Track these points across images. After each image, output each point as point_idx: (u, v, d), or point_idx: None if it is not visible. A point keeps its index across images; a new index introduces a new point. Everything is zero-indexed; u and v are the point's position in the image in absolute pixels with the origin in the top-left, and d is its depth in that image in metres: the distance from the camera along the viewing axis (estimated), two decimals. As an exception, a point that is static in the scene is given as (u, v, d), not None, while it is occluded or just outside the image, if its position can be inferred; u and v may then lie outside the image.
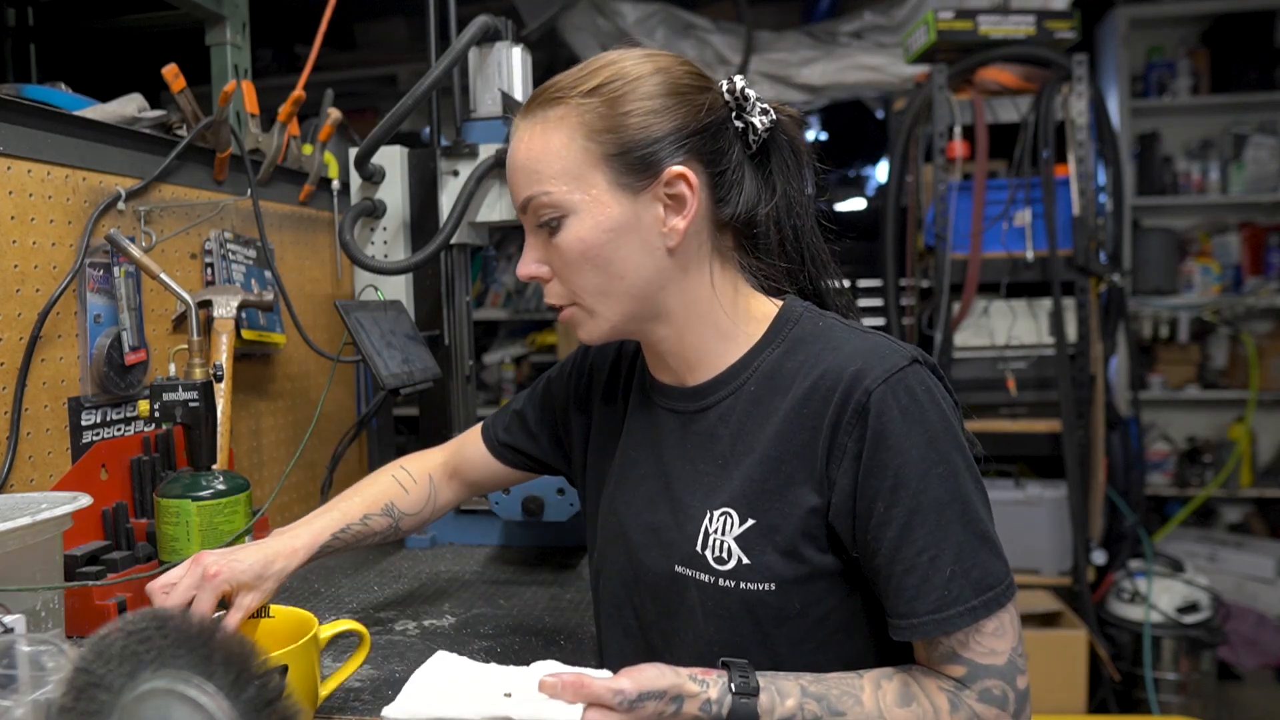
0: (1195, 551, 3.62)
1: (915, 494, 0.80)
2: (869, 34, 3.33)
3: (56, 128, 1.18)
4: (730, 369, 0.91)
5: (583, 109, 0.85)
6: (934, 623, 0.79)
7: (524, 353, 3.76)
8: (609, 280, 0.87)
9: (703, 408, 0.92)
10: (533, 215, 0.88)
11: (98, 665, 0.57)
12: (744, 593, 0.85)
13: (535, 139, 0.87)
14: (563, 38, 3.46)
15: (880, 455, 0.80)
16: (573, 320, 0.91)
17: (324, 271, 1.79)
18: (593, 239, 0.85)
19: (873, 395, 0.80)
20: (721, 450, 0.89)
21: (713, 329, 0.91)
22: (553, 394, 1.11)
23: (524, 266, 0.90)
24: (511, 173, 0.89)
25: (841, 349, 0.85)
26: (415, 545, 1.51)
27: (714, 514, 0.87)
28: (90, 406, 1.22)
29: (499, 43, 1.51)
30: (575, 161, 0.85)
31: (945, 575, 0.79)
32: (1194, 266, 3.78)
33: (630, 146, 0.85)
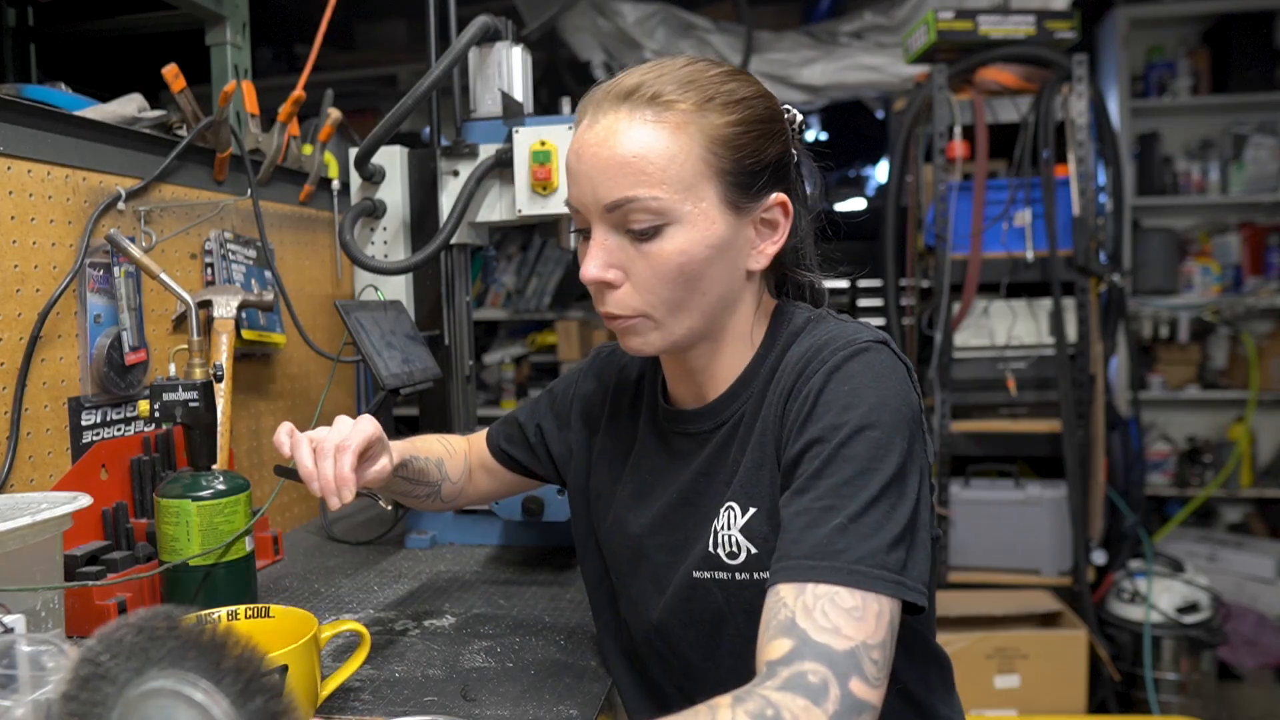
0: (1195, 551, 3.62)
1: (837, 446, 0.76)
2: (869, 34, 3.33)
3: (56, 128, 1.18)
4: (738, 380, 0.91)
5: (704, 119, 0.82)
6: (804, 568, 0.71)
7: (524, 353, 3.76)
8: (691, 296, 0.84)
9: (719, 424, 0.91)
10: (622, 217, 0.81)
11: (105, 658, 0.57)
12: (760, 583, 0.80)
13: (644, 138, 0.80)
14: (563, 38, 3.46)
15: (816, 409, 0.79)
16: (633, 330, 0.86)
17: (324, 271, 1.79)
18: (694, 252, 0.82)
19: (827, 363, 0.81)
20: (733, 455, 0.89)
21: (742, 343, 0.91)
22: (556, 408, 1.11)
23: (594, 269, 0.83)
24: (601, 167, 0.81)
25: (830, 332, 0.85)
26: (415, 545, 1.51)
27: (720, 511, 0.87)
28: (90, 406, 1.22)
29: (499, 43, 1.51)
30: (691, 171, 0.81)
31: (834, 525, 0.72)
32: (1194, 266, 3.78)
33: (746, 166, 0.83)
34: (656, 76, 0.82)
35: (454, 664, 1.03)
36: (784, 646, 0.67)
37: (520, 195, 1.45)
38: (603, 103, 0.83)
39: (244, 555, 1.11)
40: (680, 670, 0.94)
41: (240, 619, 0.90)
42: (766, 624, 0.71)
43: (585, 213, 0.84)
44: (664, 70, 0.83)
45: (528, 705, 0.93)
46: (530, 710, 0.91)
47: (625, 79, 0.83)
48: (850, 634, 0.68)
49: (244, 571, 1.11)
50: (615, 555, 0.99)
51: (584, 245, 0.86)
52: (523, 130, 1.44)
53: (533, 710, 0.91)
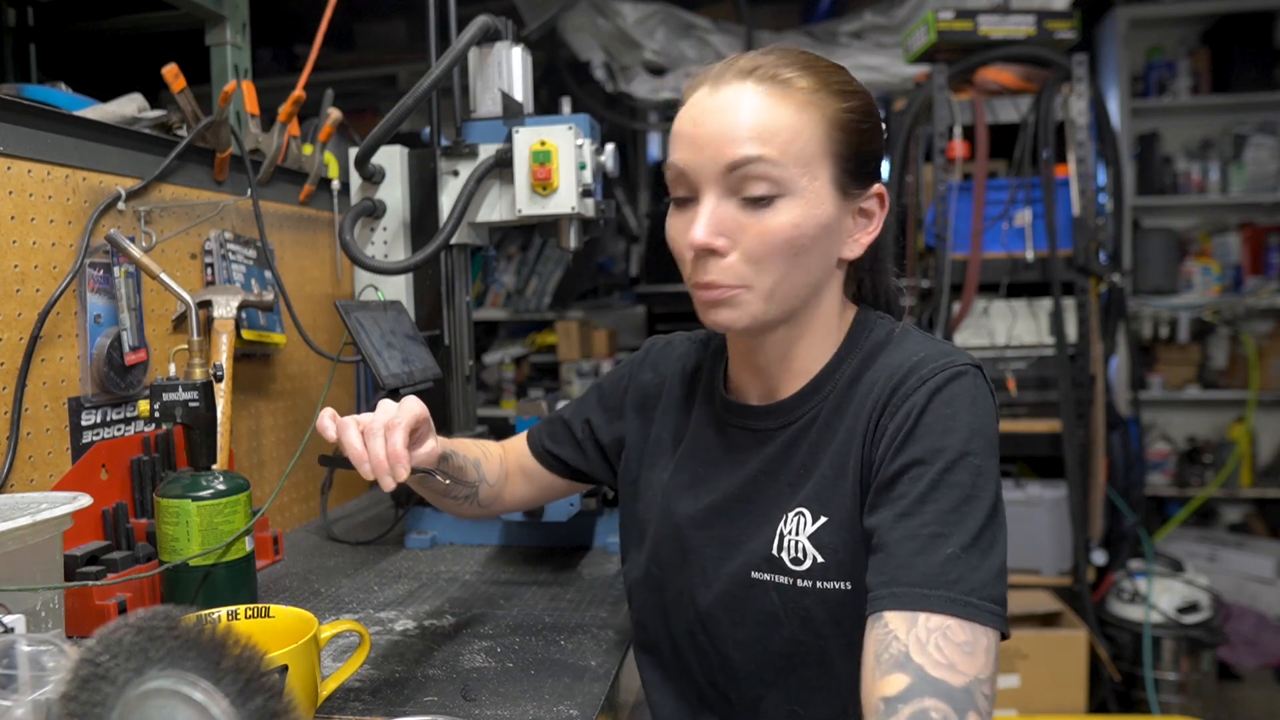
0: (1195, 551, 3.62)
1: (941, 472, 0.76)
2: (869, 34, 3.33)
3: (56, 128, 1.18)
4: (813, 382, 0.91)
5: (824, 101, 0.83)
6: (917, 596, 0.71)
7: (524, 353, 3.76)
8: (793, 272, 0.84)
9: (787, 423, 0.91)
10: (739, 180, 0.82)
11: (104, 658, 0.57)
12: (822, 592, 0.84)
13: (772, 105, 0.82)
14: (563, 38, 3.47)
15: (916, 431, 0.79)
16: (731, 302, 0.84)
17: (324, 271, 1.79)
18: (804, 228, 0.83)
19: (925, 383, 0.81)
20: (801, 458, 0.89)
21: (819, 339, 0.91)
22: (606, 403, 1.10)
23: (703, 234, 0.82)
24: (727, 129, 0.81)
25: (919, 349, 0.85)
26: (415, 545, 1.51)
27: (788, 516, 0.87)
28: (90, 406, 1.22)
29: (499, 43, 1.51)
30: (813, 146, 0.82)
31: (946, 554, 0.72)
32: (1194, 266, 3.78)
33: (860, 154, 0.86)
34: (775, 60, 0.84)
35: (454, 664, 1.03)
36: (901, 683, 0.67)
37: (520, 195, 1.45)
38: (723, 75, 0.84)
39: (244, 555, 1.11)
40: (719, 665, 0.93)
41: (240, 619, 0.90)
42: (877, 656, 0.70)
43: (696, 176, 0.84)
44: (780, 55, 0.85)
45: (528, 705, 0.93)
46: (530, 710, 0.91)
47: (741, 60, 0.85)
48: (964, 669, 0.68)
49: (244, 571, 1.11)
50: (662, 544, 0.97)
51: (679, 214, 0.87)
52: (523, 130, 1.44)
53: (533, 710, 0.91)
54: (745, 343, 0.93)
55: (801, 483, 0.88)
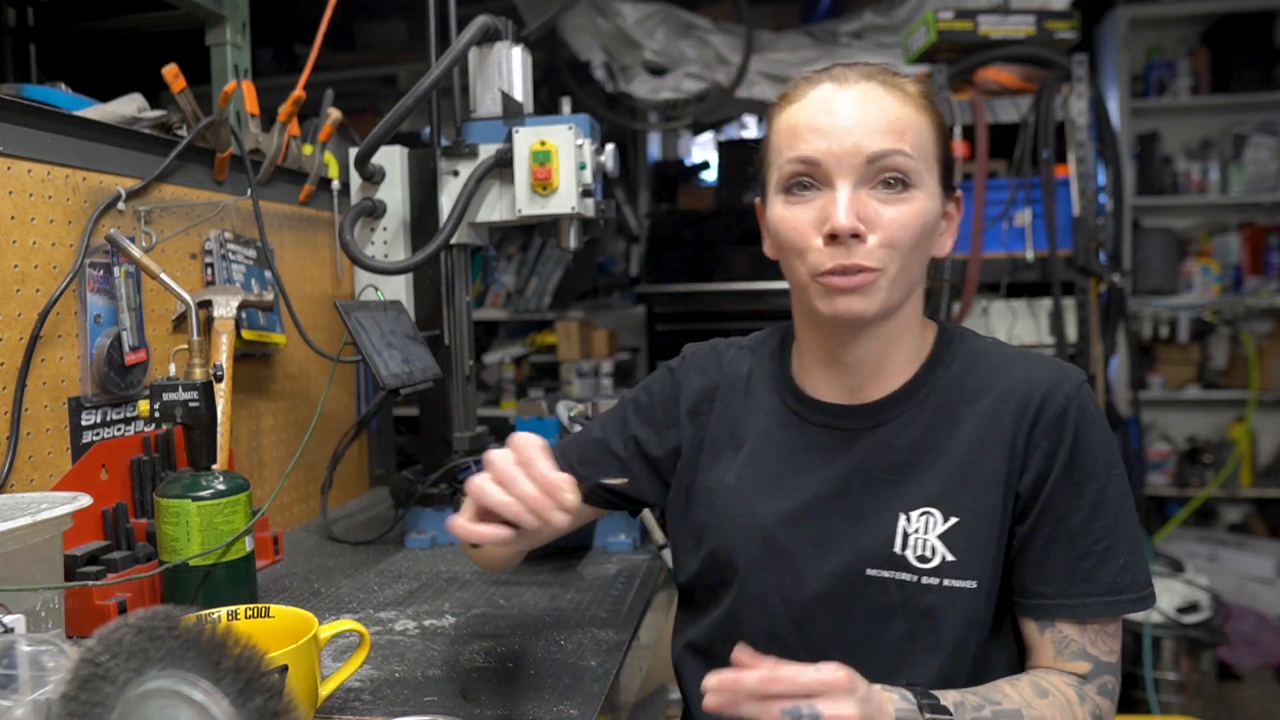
0: (1195, 551, 3.62)
1: (1101, 489, 0.88)
2: (869, 34, 3.33)
3: (56, 128, 1.18)
4: (906, 386, 0.95)
5: (934, 106, 0.92)
6: (1104, 604, 0.87)
7: (524, 353, 3.76)
8: (914, 262, 0.90)
9: (877, 423, 0.94)
10: (876, 171, 0.87)
11: (105, 658, 0.57)
12: (947, 590, 0.88)
13: (898, 105, 0.88)
14: (563, 38, 3.46)
15: (1075, 453, 0.88)
16: (866, 289, 0.87)
17: (324, 271, 1.79)
18: (928, 219, 0.89)
19: (1071, 402, 0.89)
20: (899, 458, 0.92)
21: (908, 343, 0.96)
22: (652, 415, 1.08)
23: (849, 217, 0.85)
24: (867, 121, 0.87)
25: (1022, 364, 0.93)
26: (415, 545, 1.51)
27: (911, 515, 0.90)
28: (90, 406, 1.22)
29: (499, 43, 1.51)
30: (929, 146, 0.90)
31: (1119, 564, 0.87)
32: (1194, 266, 3.78)
33: (948, 159, 0.94)
34: (886, 68, 0.92)
35: (454, 664, 1.03)
36: (1085, 667, 0.88)
37: (520, 195, 1.45)
38: (846, 74, 0.90)
39: (244, 555, 1.11)
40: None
41: (240, 619, 0.90)
42: (1058, 649, 0.89)
43: (832, 166, 0.87)
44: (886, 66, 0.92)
45: (528, 705, 0.93)
46: (530, 710, 0.91)
47: (854, 65, 0.91)
48: (1116, 649, 0.90)
49: (244, 571, 1.11)
50: (738, 546, 0.96)
51: (798, 203, 0.89)
52: (523, 130, 1.44)
53: (533, 710, 0.91)
54: (838, 339, 0.94)
55: (911, 483, 0.91)
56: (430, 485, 1.50)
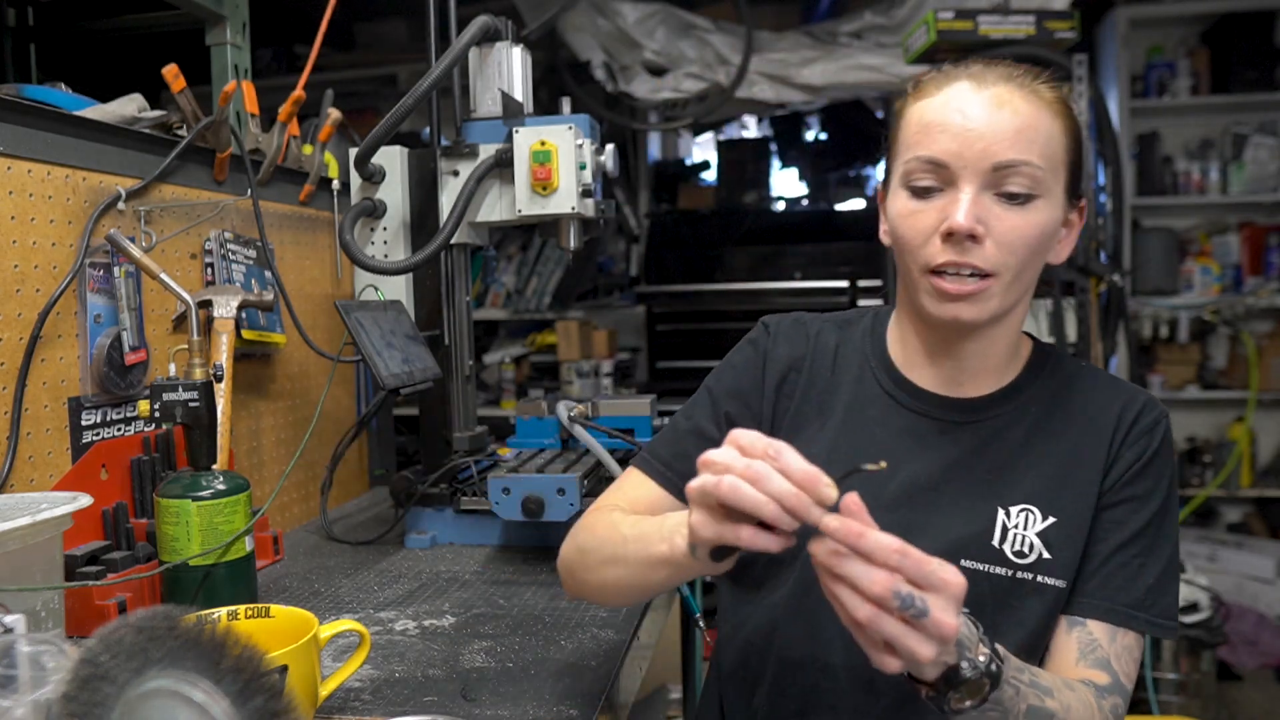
0: (1195, 551, 3.62)
1: (1155, 510, 0.92)
2: (869, 34, 3.33)
3: (56, 128, 1.18)
4: (1006, 389, 0.97)
5: (1068, 111, 0.90)
6: (1126, 615, 0.89)
7: (524, 353, 3.76)
8: (1029, 269, 0.90)
9: (976, 420, 0.96)
10: (1002, 179, 0.86)
11: (105, 658, 0.57)
12: (1039, 585, 0.91)
13: (1032, 111, 0.87)
14: (563, 38, 3.46)
15: (1147, 470, 0.93)
16: (979, 295, 0.87)
17: (324, 271, 1.79)
18: (1048, 229, 0.89)
19: (1160, 423, 0.95)
20: (1000, 458, 0.94)
21: (1010, 347, 0.97)
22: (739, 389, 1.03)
23: (969, 218, 0.85)
24: (998, 128, 0.86)
25: (1119, 386, 0.98)
26: (415, 545, 1.51)
27: (1011, 510, 0.92)
28: (90, 406, 1.22)
29: (499, 43, 1.51)
30: (1058, 154, 0.89)
31: (1148, 583, 0.90)
32: (1194, 266, 3.78)
33: (1078, 164, 0.92)
34: (1025, 70, 0.90)
35: (454, 664, 1.03)
36: (1105, 679, 0.88)
37: (520, 195, 1.45)
38: (984, 73, 0.89)
39: (244, 555, 1.11)
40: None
41: (240, 619, 0.90)
42: (1082, 651, 0.90)
43: (958, 169, 0.87)
44: (1025, 67, 0.91)
45: (528, 705, 0.93)
46: (530, 710, 0.91)
47: (994, 65, 0.90)
48: (1133, 674, 0.90)
49: (244, 571, 1.11)
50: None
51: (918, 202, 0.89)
52: (523, 130, 1.44)
53: (533, 710, 0.91)
54: (943, 336, 0.95)
55: (1011, 481, 0.93)
56: (430, 485, 1.50)
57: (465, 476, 1.53)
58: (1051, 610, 0.91)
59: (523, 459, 1.53)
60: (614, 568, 0.88)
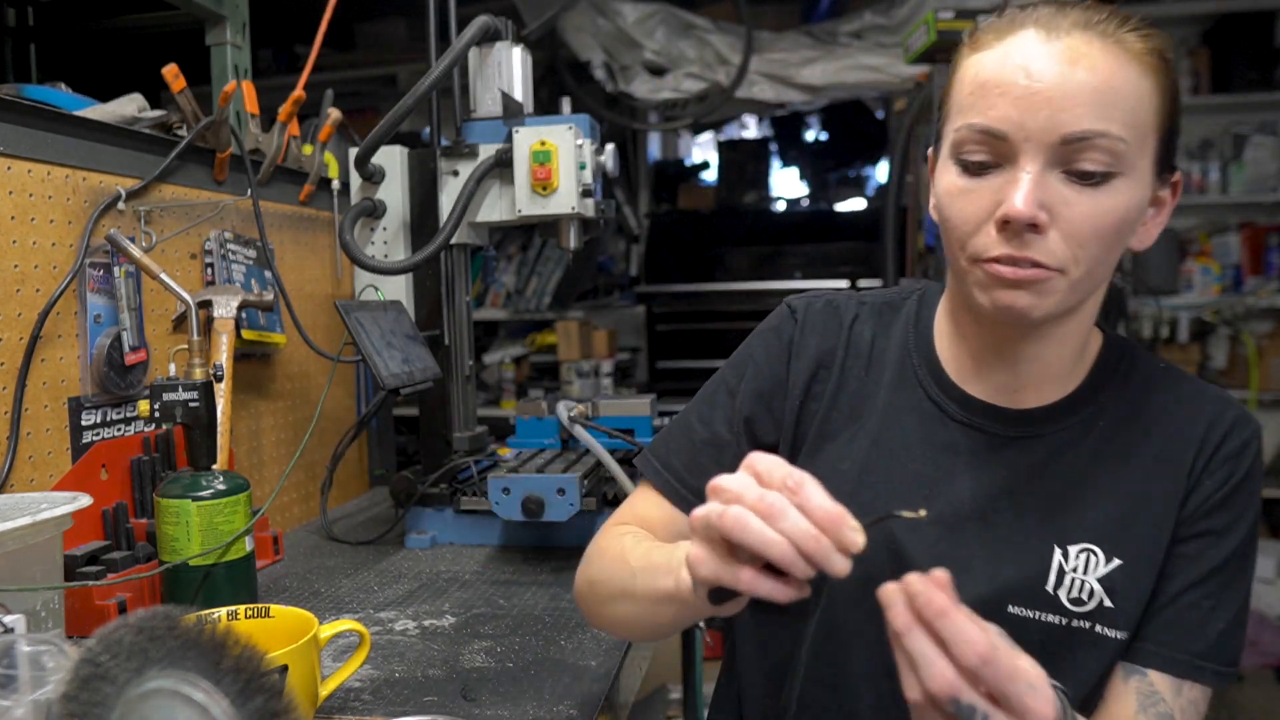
0: (1195, 551, 3.61)
1: (1232, 548, 0.79)
2: (869, 34, 3.33)
3: (56, 128, 1.18)
4: (1069, 399, 0.82)
5: (1164, 65, 0.73)
6: (1192, 666, 0.78)
7: (524, 353, 3.76)
8: (1106, 260, 0.74)
9: (1033, 434, 0.82)
10: (1074, 154, 0.70)
11: (104, 658, 0.57)
12: (1096, 636, 0.79)
13: (1115, 67, 0.70)
14: (563, 38, 3.46)
15: (1230, 500, 0.80)
16: (1042, 288, 0.72)
17: (324, 271, 1.79)
18: (1131, 213, 0.73)
19: (1251, 444, 0.81)
20: (1058, 484, 0.81)
21: (1075, 347, 0.82)
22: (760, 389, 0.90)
23: (1029, 205, 0.70)
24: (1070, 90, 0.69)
25: (1205, 395, 0.83)
26: (415, 545, 1.51)
27: (1070, 551, 0.79)
28: (90, 406, 1.22)
29: (499, 43, 1.51)
30: (1147, 120, 0.72)
31: (1219, 630, 0.78)
32: (1194, 266, 3.78)
33: (1175, 129, 0.76)
34: (1112, 13, 0.73)
35: (454, 664, 1.03)
36: None
37: (520, 195, 1.45)
38: (1055, 20, 0.72)
39: (244, 555, 1.11)
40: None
41: (240, 619, 0.90)
42: (1141, 704, 0.78)
43: (1018, 139, 0.71)
44: (1113, 10, 0.74)
45: (528, 705, 0.93)
46: (530, 710, 0.91)
47: (1071, 6, 0.73)
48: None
49: (244, 571, 1.11)
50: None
51: (971, 180, 0.74)
52: (523, 130, 1.44)
53: (533, 710, 0.91)
54: (997, 334, 0.81)
55: (1071, 513, 0.80)
56: (430, 485, 1.50)
57: (465, 476, 1.53)
58: (1109, 663, 0.80)
59: (523, 459, 1.53)
60: (623, 603, 0.80)
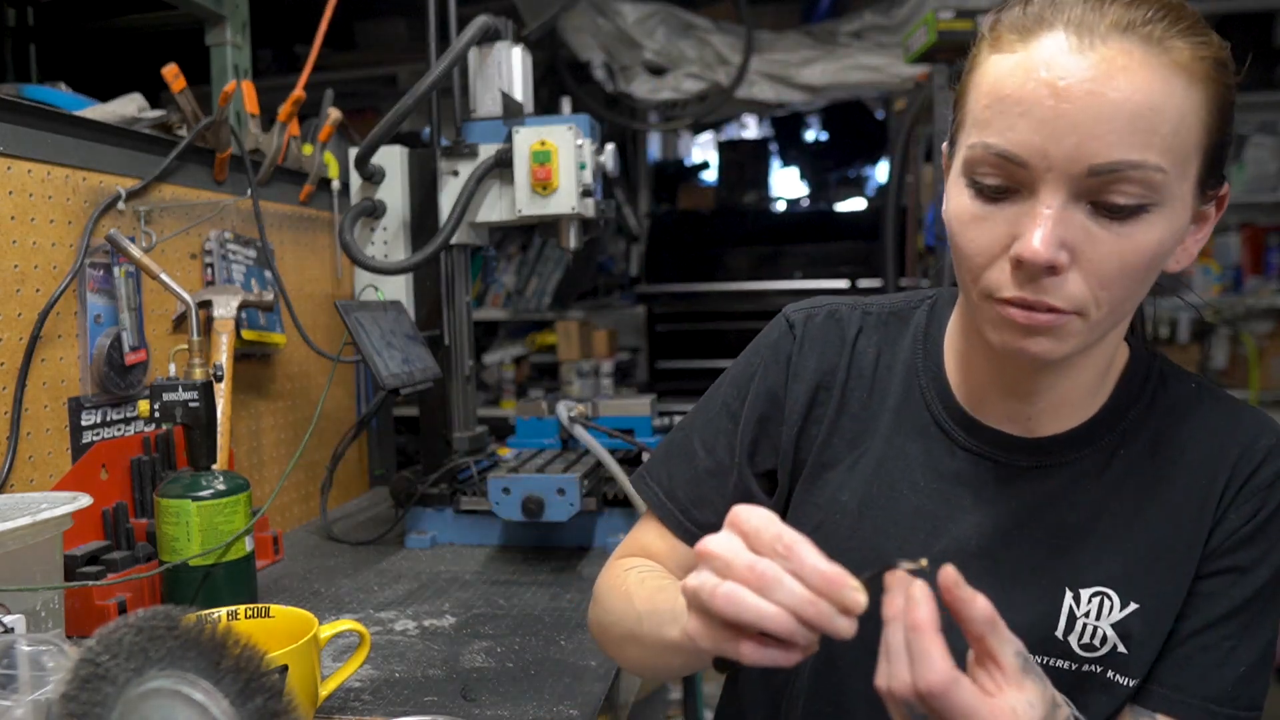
0: (1195, 551, 3.61)
1: (1258, 585, 0.73)
2: (869, 34, 3.33)
3: (56, 128, 1.18)
4: (1087, 425, 0.75)
5: (1217, 71, 0.63)
6: (1205, 712, 0.72)
7: (524, 353, 3.76)
8: (1135, 296, 0.67)
9: (1047, 464, 0.75)
10: (1100, 185, 0.61)
11: (104, 658, 0.57)
12: (1107, 681, 0.74)
13: (1158, 83, 0.60)
14: (563, 38, 3.46)
15: (1259, 535, 0.72)
16: (1059, 331, 0.65)
17: (324, 271, 1.79)
18: (1166, 245, 0.64)
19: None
20: (1072, 519, 0.74)
21: (1098, 371, 0.75)
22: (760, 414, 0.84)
23: (1049, 248, 0.61)
24: (1104, 116, 0.60)
25: (1242, 416, 0.76)
26: (415, 545, 1.51)
27: (1083, 594, 0.73)
28: (90, 406, 1.22)
29: (499, 43, 1.51)
30: (1193, 138, 0.63)
31: (1238, 673, 0.72)
32: (1194, 266, 3.78)
33: (1225, 142, 0.66)
34: (1159, 10, 0.62)
35: (454, 664, 1.03)
36: None
37: (520, 195, 1.45)
38: (1093, 19, 0.61)
39: (244, 555, 1.11)
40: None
41: (240, 619, 0.90)
42: None
43: (1041, 168, 0.62)
44: (1164, 3, 0.63)
45: (528, 705, 0.93)
46: (530, 710, 0.91)
47: (1111, 5, 0.62)
48: None
49: (244, 571, 1.11)
50: None
51: (985, 206, 0.66)
52: (523, 130, 1.44)
53: (533, 710, 0.91)
54: (1012, 366, 0.74)
55: (1086, 552, 0.74)
56: (430, 485, 1.50)
57: (465, 476, 1.53)
58: (1119, 706, 0.75)
59: (523, 459, 1.53)
60: (632, 647, 0.78)
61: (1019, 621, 0.71)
